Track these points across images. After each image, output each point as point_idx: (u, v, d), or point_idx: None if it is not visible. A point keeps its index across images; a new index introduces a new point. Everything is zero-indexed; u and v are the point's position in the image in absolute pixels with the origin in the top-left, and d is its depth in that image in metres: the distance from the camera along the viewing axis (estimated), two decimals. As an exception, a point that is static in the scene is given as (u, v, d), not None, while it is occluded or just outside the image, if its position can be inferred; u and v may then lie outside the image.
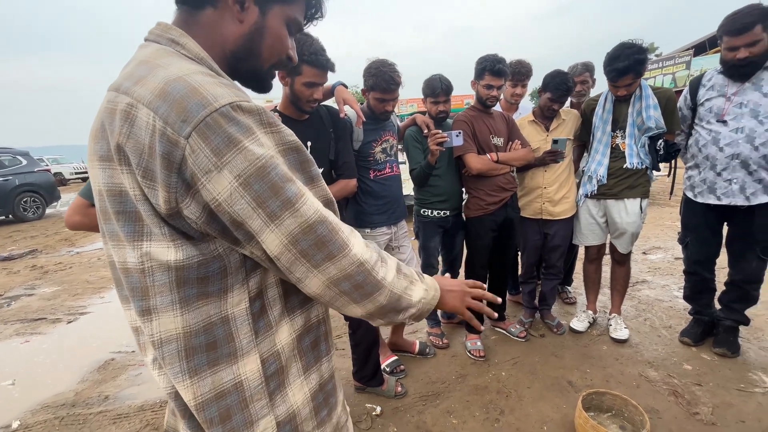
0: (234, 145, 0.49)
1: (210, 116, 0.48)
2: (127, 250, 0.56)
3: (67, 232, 6.90)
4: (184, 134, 0.47)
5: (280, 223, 0.52)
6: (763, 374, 1.98)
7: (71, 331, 3.07)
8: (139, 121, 0.49)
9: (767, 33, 1.80)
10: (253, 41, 0.62)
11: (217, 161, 0.48)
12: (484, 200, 2.20)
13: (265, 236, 0.52)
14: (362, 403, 1.97)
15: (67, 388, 2.30)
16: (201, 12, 0.60)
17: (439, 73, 2.16)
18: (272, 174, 0.51)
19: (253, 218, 0.51)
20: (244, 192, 0.50)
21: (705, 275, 2.24)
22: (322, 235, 0.54)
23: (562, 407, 1.85)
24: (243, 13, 0.60)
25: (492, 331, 2.59)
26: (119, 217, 0.55)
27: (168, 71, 0.51)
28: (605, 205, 2.31)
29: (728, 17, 1.85)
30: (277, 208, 0.51)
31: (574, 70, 2.67)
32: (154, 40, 0.58)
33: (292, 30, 0.66)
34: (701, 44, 18.13)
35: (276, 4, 0.62)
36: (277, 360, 0.62)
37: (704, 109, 2.05)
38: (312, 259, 0.54)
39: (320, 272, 0.55)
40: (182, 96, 0.48)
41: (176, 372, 0.56)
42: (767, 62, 1.86)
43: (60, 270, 4.72)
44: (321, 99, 1.63)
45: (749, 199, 1.94)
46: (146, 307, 0.56)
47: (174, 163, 0.48)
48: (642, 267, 3.58)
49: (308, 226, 0.53)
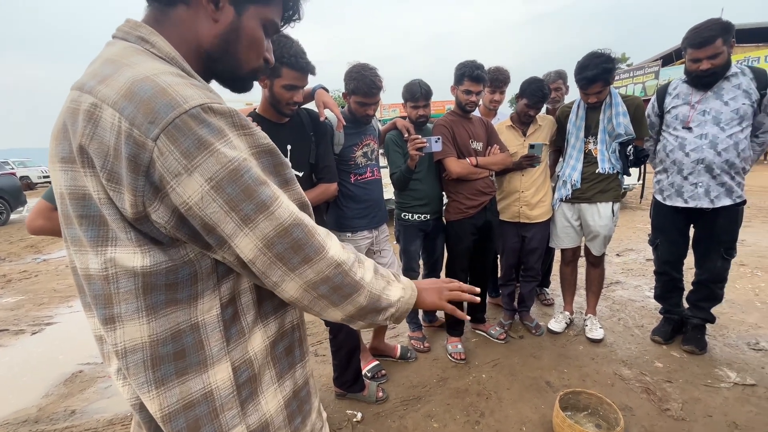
0: (205, 148, 0.47)
1: (179, 118, 0.46)
2: (90, 256, 0.53)
3: (32, 239, 6.57)
4: (152, 136, 0.45)
5: (255, 226, 0.51)
6: (728, 370, 2.07)
7: (35, 343, 2.90)
8: (103, 122, 0.47)
9: (727, 46, 1.91)
10: (228, 42, 0.60)
11: (187, 164, 0.47)
12: (463, 204, 2.22)
13: (238, 240, 0.51)
14: (343, 409, 1.94)
15: (29, 403, 2.17)
16: (173, 9, 0.58)
17: (419, 78, 2.18)
18: (245, 177, 0.49)
19: (225, 222, 0.49)
20: (216, 195, 0.48)
21: (674, 275, 2.33)
22: (298, 238, 0.53)
23: (541, 407, 1.88)
24: (217, 12, 0.58)
25: (472, 334, 2.61)
26: (82, 222, 0.52)
27: (135, 70, 0.49)
28: (579, 208, 2.38)
29: (691, 31, 1.95)
30: (251, 212, 0.50)
31: (548, 78, 2.75)
32: (122, 37, 0.56)
33: (269, 31, 0.65)
34: (668, 55, 19.08)
35: (252, 5, 0.61)
36: (249, 368, 0.60)
37: (671, 116, 2.15)
38: (288, 262, 0.53)
39: (297, 276, 0.55)
40: (150, 97, 0.46)
41: (141, 382, 0.54)
42: (727, 73, 1.97)
43: (24, 278, 4.48)
44: (301, 102, 1.62)
45: (713, 202, 2.04)
46: (109, 315, 0.53)
47: (141, 165, 0.46)
48: (616, 268, 3.71)
49: (283, 229, 0.52)
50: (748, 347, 2.28)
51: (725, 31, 1.88)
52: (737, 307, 2.77)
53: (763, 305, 2.79)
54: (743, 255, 3.73)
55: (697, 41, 1.92)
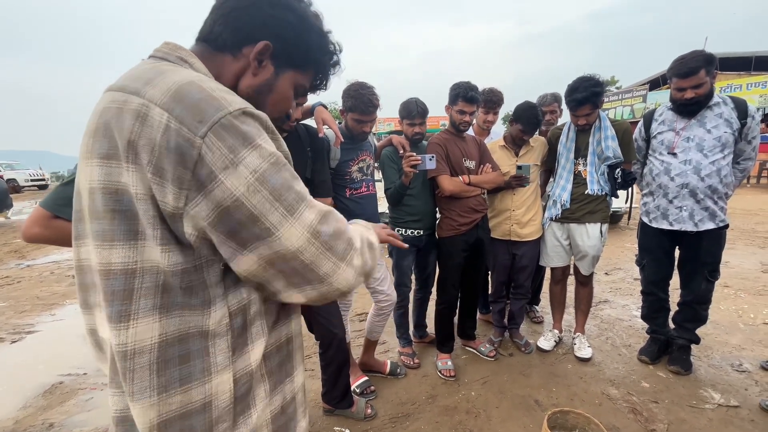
0: (248, 143, 0.52)
1: (225, 118, 0.51)
2: (116, 250, 0.53)
3: (17, 244, 6.42)
4: (200, 134, 0.50)
5: (300, 215, 0.55)
6: (712, 391, 2.10)
7: (15, 352, 2.82)
8: (151, 120, 0.51)
9: (710, 76, 2.00)
10: (260, 93, 0.67)
11: (233, 158, 0.51)
12: (456, 221, 2.26)
13: (284, 230, 0.54)
14: (330, 426, 1.91)
15: (6, 415, 2.10)
16: (219, 54, 0.64)
17: (416, 97, 2.23)
18: (284, 171, 0.55)
19: (271, 212, 0.53)
20: (261, 186, 0.52)
21: (660, 295, 2.38)
22: (337, 226, 0.59)
23: (529, 426, 1.88)
24: (259, 69, 0.65)
25: (462, 351, 2.61)
26: (114, 216, 0.53)
27: (180, 75, 0.54)
28: (569, 228, 2.43)
29: (676, 61, 2.04)
30: (293, 201, 0.55)
31: (544, 100, 2.84)
32: (162, 57, 0.60)
33: (298, 93, 0.73)
34: (656, 80, 19.74)
35: (290, 69, 0.68)
36: (249, 380, 0.61)
37: (657, 142, 2.23)
38: (335, 251, 0.58)
39: (347, 265, 0.60)
40: (198, 99, 0.51)
41: (144, 387, 0.54)
42: (710, 102, 2.06)
43: (7, 285, 4.36)
44: (300, 118, 1.65)
45: (697, 225, 2.10)
46: (126, 311, 0.53)
47: (189, 161, 0.50)
48: (604, 287, 3.76)
49: (323, 216, 0.58)
50: (732, 368, 2.31)
51: (708, 63, 1.97)
52: (721, 328, 2.82)
53: (746, 327, 2.84)
54: (727, 277, 3.81)
55: (682, 71, 2.01)
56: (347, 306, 2.17)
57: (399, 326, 2.54)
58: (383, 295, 2.16)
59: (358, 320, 3.12)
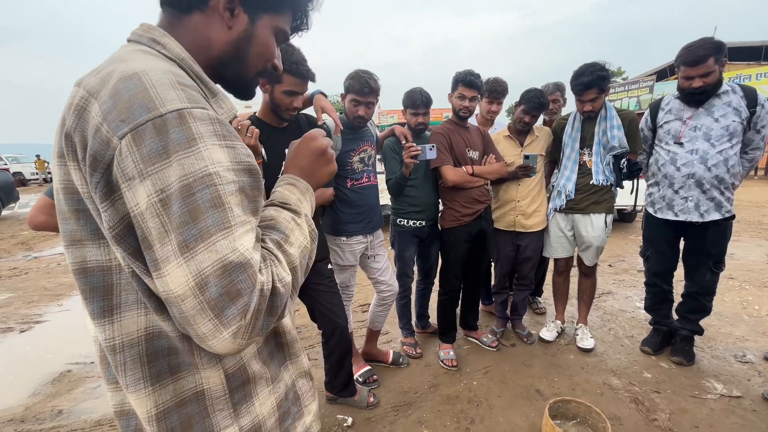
0: (167, 156, 0.44)
1: (152, 120, 0.44)
2: (88, 249, 0.53)
3: (24, 236, 6.49)
4: (119, 134, 0.44)
5: (192, 257, 0.44)
6: (715, 381, 2.10)
7: (24, 341, 2.87)
8: (86, 115, 0.47)
9: (718, 65, 1.95)
10: (240, 48, 0.62)
11: (143, 169, 0.44)
12: (459, 212, 2.25)
13: (170, 268, 0.44)
14: (333, 414, 1.94)
15: (16, 402, 2.14)
16: (188, 16, 0.59)
17: (420, 87, 2.21)
18: (197, 195, 0.44)
19: (164, 243, 0.44)
20: (162, 209, 0.44)
21: (664, 287, 2.37)
22: (233, 288, 0.45)
23: (531, 415, 1.89)
24: (232, 19, 0.60)
25: (465, 341, 2.62)
26: (79, 216, 0.52)
27: (127, 66, 0.48)
28: (573, 219, 2.41)
29: (684, 49, 2.00)
30: (191, 238, 0.44)
31: (546, 89, 2.80)
32: (136, 39, 0.57)
33: (279, 40, 0.67)
34: (663, 70, 19.43)
35: (265, 14, 0.62)
36: (242, 371, 0.61)
37: (663, 131, 2.19)
38: (220, 314, 0.45)
39: (231, 335, 0.46)
40: (130, 95, 0.45)
41: (137, 378, 0.54)
42: (718, 90, 2.01)
43: (14, 276, 4.43)
44: (300, 107, 1.64)
45: (703, 216, 2.08)
46: (108, 306, 0.53)
47: (101, 162, 0.45)
48: (607, 279, 3.74)
49: (222, 267, 0.45)
50: (735, 359, 2.31)
51: (717, 51, 1.92)
52: (725, 319, 2.81)
53: (751, 318, 2.83)
54: (732, 268, 3.79)
55: (689, 60, 1.97)
56: (349, 296, 2.18)
57: (401, 317, 2.55)
58: (385, 286, 2.17)
59: (360, 311, 3.14)
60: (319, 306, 1.82)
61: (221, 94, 0.61)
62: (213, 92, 0.59)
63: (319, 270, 1.83)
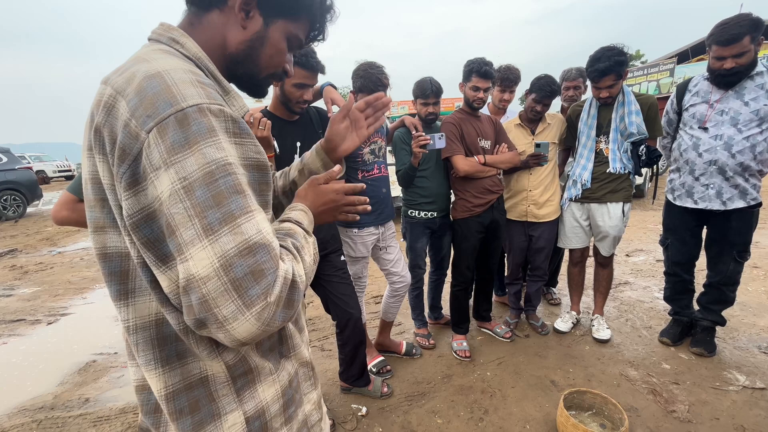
0: (189, 146, 0.47)
1: (174, 114, 0.48)
2: (109, 235, 0.58)
3: (48, 231, 6.73)
4: (146, 129, 0.48)
5: (216, 239, 0.46)
6: (737, 373, 2.04)
7: (51, 333, 2.99)
8: (115, 111, 0.51)
9: (755, 44, 1.82)
10: (252, 48, 0.64)
11: (167, 158, 0.47)
12: (471, 202, 2.22)
13: (194, 251, 0.46)
14: (348, 403, 1.97)
15: (45, 390, 2.25)
16: (206, 14, 0.62)
17: (430, 76, 2.18)
18: (221, 182, 0.48)
19: (186, 227, 0.46)
20: (185, 196, 0.47)
21: (684, 277, 2.30)
22: (259, 267, 0.48)
23: (545, 406, 1.88)
24: (247, 20, 0.62)
25: (478, 332, 2.62)
26: (104, 204, 0.57)
27: (150, 66, 0.52)
28: (589, 208, 2.36)
29: (718, 26, 1.87)
30: (215, 221, 0.47)
31: (569, 75, 2.71)
32: (156, 39, 0.61)
33: (292, 45, 0.69)
34: (684, 52, 18.62)
35: (280, 19, 0.65)
36: (243, 361, 0.62)
37: (688, 115, 2.10)
38: (244, 294, 0.47)
39: (253, 316, 0.48)
40: (155, 92, 0.49)
41: (149, 359, 0.58)
42: (752, 71, 1.89)
43: (41, 270, 4.60)
44: (311, 100, 1.64)
45: (725, 204, 2.00)
46: (124, 290, 0.58)
47: (129, 155, 0.49)
48: (625, 269, 3.67)
49: (248, 248, 0.47)
50: (759, 350, 2.24)
51: (755, 29, 1.79)
52: (749, 309, 2.73)
53: (776, 309, 2.74)
54: (757, 257, 3.65)
55: (723, 38, 1.84)
56: (362, 288, 2.19)
57: (414, 308, 2.55)
58: (397, 277, 2.17)
59: (373, 302, 3.16)
60: (332, 297, 1.84)
61: (233, 92, 0.64)
62: (226, 90, 0.63)
63: (332, 261, 1.84)
